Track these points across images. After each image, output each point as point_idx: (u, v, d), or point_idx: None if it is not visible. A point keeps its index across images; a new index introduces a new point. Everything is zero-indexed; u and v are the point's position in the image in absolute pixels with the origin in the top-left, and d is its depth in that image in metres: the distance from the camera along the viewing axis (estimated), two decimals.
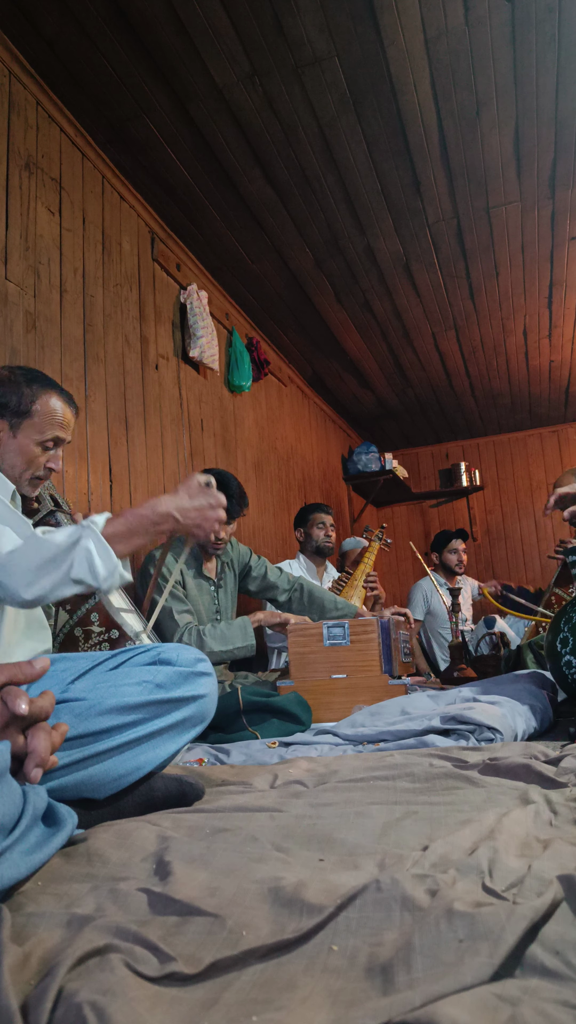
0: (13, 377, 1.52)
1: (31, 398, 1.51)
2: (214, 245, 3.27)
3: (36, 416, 1.51)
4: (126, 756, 0.96)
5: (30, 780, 0.68)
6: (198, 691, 1.07)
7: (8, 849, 0.64)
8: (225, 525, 2.57)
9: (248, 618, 2.49)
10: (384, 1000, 0.44)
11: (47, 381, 1.56)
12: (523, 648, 2.62)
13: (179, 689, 1.05)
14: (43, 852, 0.69)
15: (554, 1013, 0.41)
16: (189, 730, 1.07)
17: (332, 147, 2.69)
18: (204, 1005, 0.46)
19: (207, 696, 1.10)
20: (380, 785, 1.05)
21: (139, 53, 2.23)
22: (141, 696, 1.00)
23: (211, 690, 1.11)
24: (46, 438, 1.52)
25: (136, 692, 1.00)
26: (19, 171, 2.25)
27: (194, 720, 1.08)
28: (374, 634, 2.18)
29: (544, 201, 3.10)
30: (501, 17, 2.19)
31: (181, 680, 1.06)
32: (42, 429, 1.52)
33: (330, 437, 5.45)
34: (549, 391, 5.32)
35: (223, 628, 2.42)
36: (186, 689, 1.06)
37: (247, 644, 2.43)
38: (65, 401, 1.57)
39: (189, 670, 1.08)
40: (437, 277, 3.66)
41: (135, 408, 2.81)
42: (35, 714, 0.70)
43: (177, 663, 1.09)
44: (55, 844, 0.71)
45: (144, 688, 1.02)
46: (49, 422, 1.52)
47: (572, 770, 1.07)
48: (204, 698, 1.09)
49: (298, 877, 0.63)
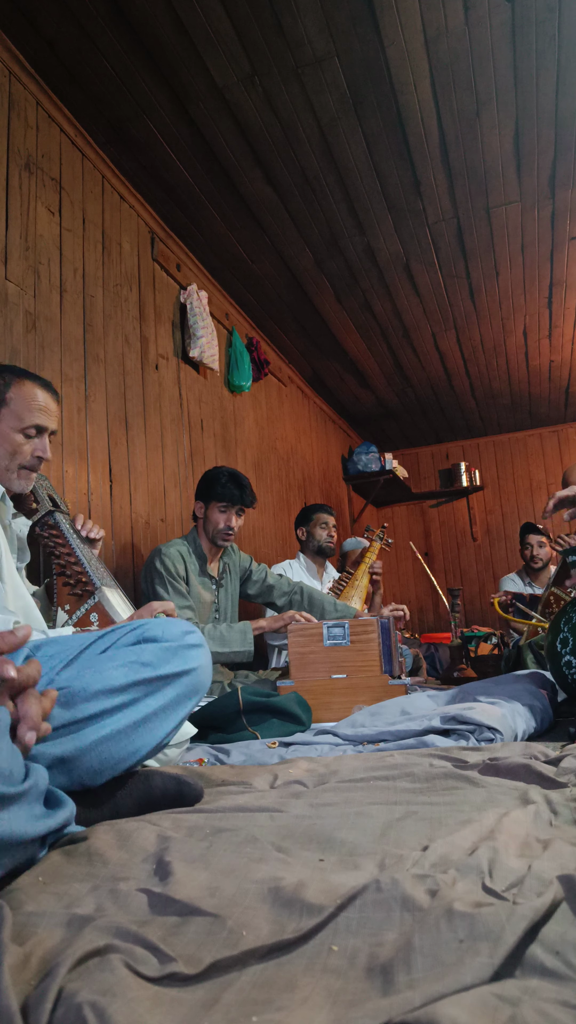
0: None
1: (4, 387, 1.51)
2: (214, 245, 3.27)
3: (12, 404, 1.50)
4: (120, 739, 0.94)
5: (25, 744, 0.68)
6: (188, 665, 1.03)
7: (24, 795, 0.66)
8: (236, 516, 2.61)
9: (250, 624, 2.50)
10: (384, 1000, 0.44)
11: (21, 371, 1.56)
12: (523, 648, 2.62)
13: (168, 665, 1.01)
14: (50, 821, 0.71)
15: (554, 1013, 0.41)
16: (184, 704, 1.03)
17: (332, 147, 2.69)
18: (204, 1005, 0.46)
19: (198, 668, 1.05)
20: (380, 785, 1.05)
21: (139, 53, 2.23)
22: (128, 677, 0.97)
23: (202, 661, 1.07)
24: (26, 425, 1.51)
25: (122, 674, 0.97)
26: (19, 171, 2.25)
27: (188, 694, 1.04)
28: (374, 634, 2.18)
29: (544, 201, 3.10)
30: (501, 17, 2.19)
31: (169, 655, 1.02)
32: (20, 416, 1.50)
33: (330, 437, 5.45)
34: (549, 391, 5.32)
35: (223, 630, 2.43)
36: (175, 664, 1.02)
37: (245, 650, 2.43)
38: (43, 387, 1.56)
39: (176, 644, 1.04)
40: (437, 277, 3.66)
41: (135, 408, 2.81)
42: (23, 681, 0.71)
43: (163, 639, 1.04)
44: (60, 818, 0.73)
45: (130, 668, 0.98)
46: (26, 408, 1.51)
47: (572, 770, 1.07)
48: (195, 671, 1.04)
49: (298, 877, 0.63)
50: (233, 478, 2.62)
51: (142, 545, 2.75)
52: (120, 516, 2.64)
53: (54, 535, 1.69)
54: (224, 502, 2.59)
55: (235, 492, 2.58)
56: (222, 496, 2.58)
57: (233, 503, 2.60)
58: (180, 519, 3.06)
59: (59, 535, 1.69)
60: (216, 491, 2.58)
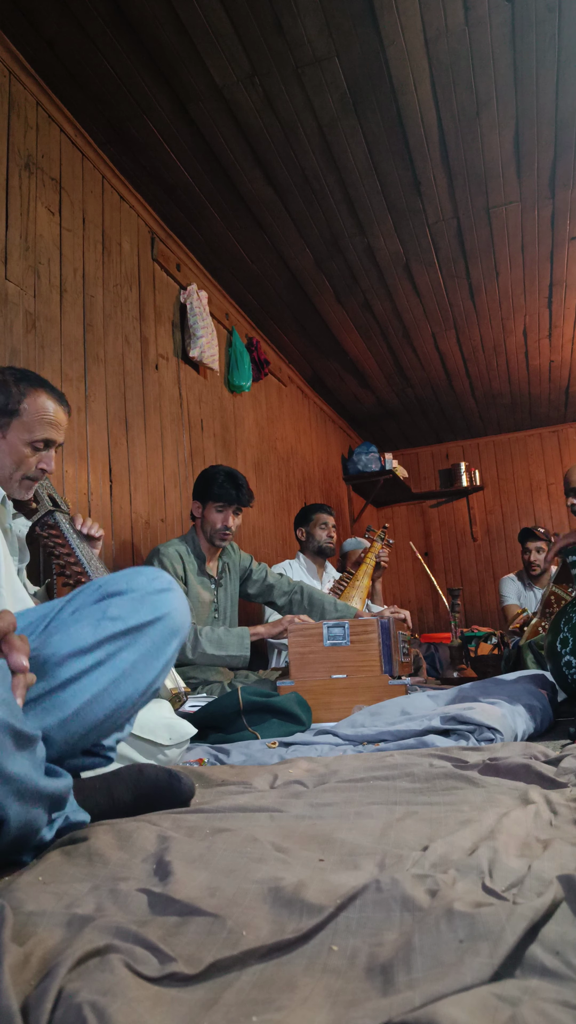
0: (3, 377, 1.51)
1: (19, 397, 1.50)
2: (214, 245, 3.27)
3: (25, 415, 1.50)
4: (103, 699, 0.91)
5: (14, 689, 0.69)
6: (159, 612, 0.98)
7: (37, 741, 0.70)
8: (233, 516, 2.61)
9: (248, 630, 2.50)
10: (384, 1000, 0.44)
11: (38, 380, 1.55)
12: (523, 648, 2.62)
13: (137, 615, 0.96)
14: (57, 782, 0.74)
15: (554, 1013, 0.41)
16: (164, 650, 0.99)
17: (332, 147, 2.69)
18: (204, 1005, 0.46)
19: (170, 612, 1.00)
20: (380, 785, 1.05)
21: (139, 53, 2.23)
22: (97, 634, 0.93)
23: (175, 606, 1.01)
24: (36, 438, 1.50)
25: (90, 632, 0.93)
26: (19, 171, 2.25)
27: (166, 639, 0.99)
28: (374, 634, 2.18)
29: (544, 201, 3.10)
30: (501, 17, 2.19)
31: (137, 605, 0.97)
32: (31, 429, 1.50)
33: (330, 437, 5.45)
34: (549, 391, 5.33)
35: (221, 633, 2.43)
36: (145, 613, 0.97)
37: (241, 655, 2.43)
38: (56, 400, 1.55)
39: (143, 592, 0.99)
40: (437, 277, 3.66)
41: (135, 408, 2.81)
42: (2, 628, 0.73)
43: (128, 590, 0.98)
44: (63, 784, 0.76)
45: (99, 625, 0.94)
46: (39, 422, 1.51)
47: (572, 770, 1.07)
48: (168, 615, 0.99)
49: (298, 877, 0.63)
50: (230, 477, 2.61)
51: (142, 545, 2.75)
52: (120, 516, 2.64)
53: (54, 535, 1.69)
54: (221, 502, 2.59)
55: (232, 492, 2.58)
56: (219, 496, 2.57)
57: (230, 503, 2.59)
58: (180, 519, 3.06)
59: (59, 535, 1.69)
60: (213, 491, 2.58)
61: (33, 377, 1.55)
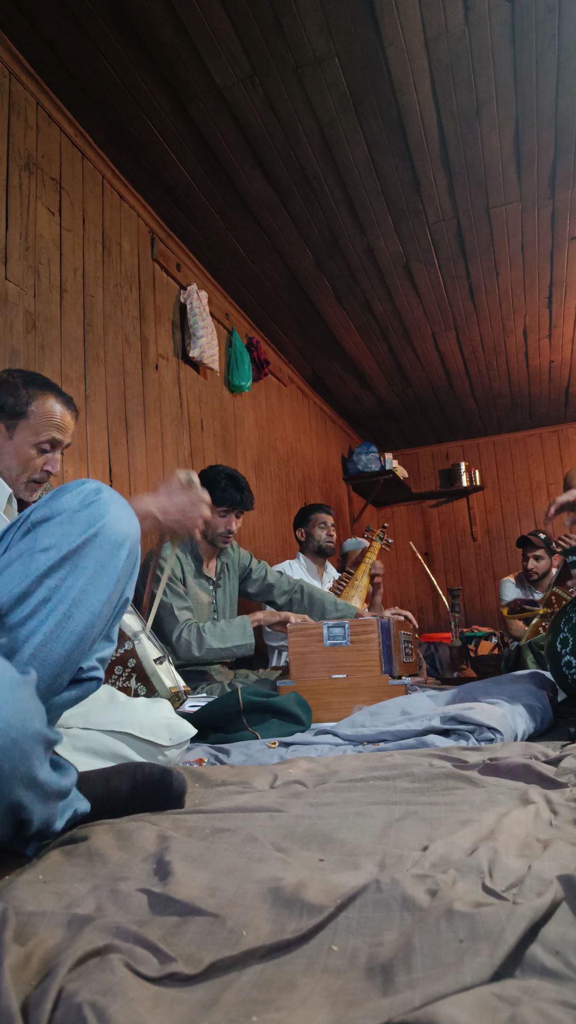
0: (11, 379, 1.52)
1: (27, 399, 1.51)
2: (214, 245, 3.27)
3: (32, 418, 1.51)
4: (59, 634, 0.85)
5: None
6: (93, 526, 0.90)
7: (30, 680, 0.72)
8: (235, 519, 2.59)
9: (248, 617, 2.50)
10: (384, 1000, 0.44)
11: (46, 384, 1.56)
12: (523, 648, 2.62)
13: (70, 538, 0.88)
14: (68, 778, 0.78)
15: (554, 1013, 0.41)
16: (112, 562, 0.91)
17: (332, 147, 2.69)
18: (204, 1005, 0.46)
19: (106, 524, 0.91)
20: (380, 785, 1.05)
21: (139, 53, 2.23)
22: (32, 572, 0.86)
23: (110, 514, 0.92)
24: (41, 440, 1.51)
25: (23, 571, 0.86)
26: (19, 171, 2.25)
27: (111, 551, 0.91)
28: (374, 634, 2.18)
29: (544, 201, 3.10)
30: (501, 17, 2.19)
31: (67, 527, 0.89)
32: (38, 431, 1.51)
33: (330, 437, 5.45)
34: (549, 391, 5.32)
35: (223, 626, 2.43)
36: (78, 533, 0.89)
37: (246, 643, 2.43)
38: (63, 403, 1.56)
39: (72, 511, 0.90)
40: (437, 277, 3.66)
41: (135, 408, 2.81)
42: None
43: (55, 513, 0.90)
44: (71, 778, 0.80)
45: (32, 561, 0.86)
46: (45, 424, 1.52)
47: (572, 770, 1.07)
48: (104, 527, 0.91)
49: (298, 877, 0.63)
50: (232, 480, 2.57)
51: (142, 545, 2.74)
52: None
53: None
54: (224, 506, 2.53)
55: (235, 496, 2.54)
56: (222, 500, 2.52)
57: (233, 507, 2.55)
58: None
59: None
60: (215, 495, 2.50)
61: (42, 380, 1.56)
